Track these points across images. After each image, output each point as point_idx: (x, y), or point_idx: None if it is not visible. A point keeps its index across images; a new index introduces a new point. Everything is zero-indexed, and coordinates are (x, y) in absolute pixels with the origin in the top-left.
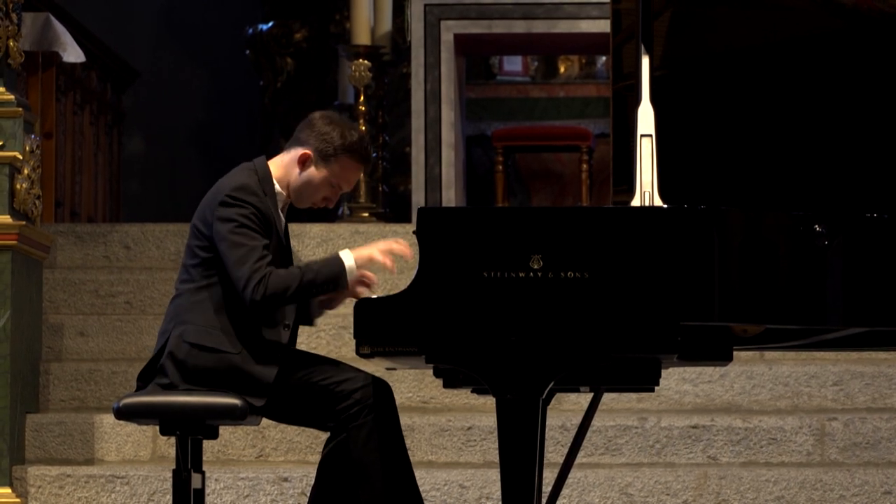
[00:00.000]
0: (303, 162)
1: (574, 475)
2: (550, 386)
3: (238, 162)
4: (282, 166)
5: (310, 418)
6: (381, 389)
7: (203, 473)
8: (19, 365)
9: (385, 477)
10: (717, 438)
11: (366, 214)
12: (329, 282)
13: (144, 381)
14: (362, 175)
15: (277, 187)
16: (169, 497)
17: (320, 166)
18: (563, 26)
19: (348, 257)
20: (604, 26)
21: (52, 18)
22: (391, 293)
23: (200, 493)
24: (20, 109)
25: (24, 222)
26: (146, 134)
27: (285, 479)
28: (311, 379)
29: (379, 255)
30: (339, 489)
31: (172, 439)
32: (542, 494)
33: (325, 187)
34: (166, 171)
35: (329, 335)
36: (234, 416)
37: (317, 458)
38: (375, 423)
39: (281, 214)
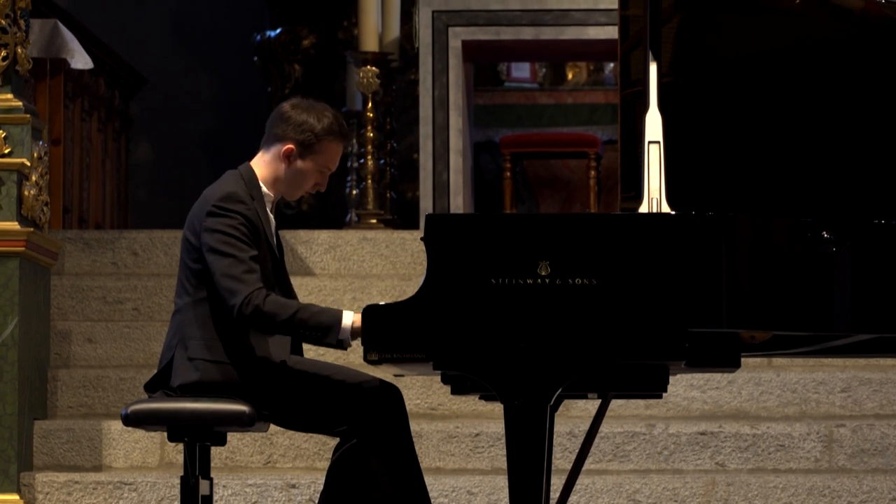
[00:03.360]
0: (287, 156)
1: (582, 481)
2: (558, 392)
3: None
4: (265, 165)
5: (319, 424)
6: (391, 394)
7: (211, 480)
8: (27, 371)
9: (394, 483)
10: (725, 445)
11: (374, 221)
12: (318, 329)
13: (152, 392)
14: (370, 182)
15: (264, 189)
16: (177, 503)
17: (306, 157)
18: (571, 33)
19: (348, 317)
20: (612, 33)
21: (60, 25)
22: (399, 300)
23: (209, 500)
24: (28, 116)
25: (31, 229)
26: (154, 140)
27: (293, 486)
28: (320, 385)
29: None
30: (348, 495)
31: (180, 446)
32: (551, 501)
33: (315, 175)
34: (174, 178)
35: None
36: (241, 423)
37: (325, 464)
38: (385, 428)
39: (270, 215)
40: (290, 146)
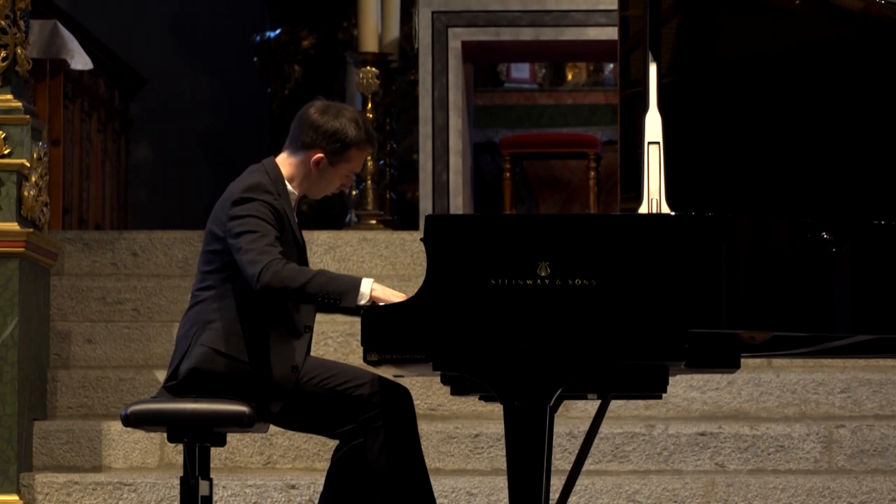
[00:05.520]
0: (317, 164)
1: (582, 482)
2: (558, 393)
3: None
4: (291, 167)
5: (321, 425)
6: (398, 393)
7: (211, 481)
8: (27, 372)
9: (400, 482)
10: (725, 446)
11: (373, 222)
12: (336, 294)
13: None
14: (370, 182)
15: (289, 186)
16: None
17: (335, 163)
18: (571, 34)
19: (367, 284)
20: (612, 33)
21: (60, 26)
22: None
23: (208, 501)
24: (28, 117)
25: (31, 230)
26: (154, 141)
27: (293, 487)
28: (327, 385)
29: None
30: (349, 495)
31: (180, 446)
32: (550, 501)
33: (341, 178)
34: (174, 178)
35: (336, 342)
36: (241, 424)
37: (324, 465)
38: (391, 427)
39: (293, 213)
40: (321, 155)
